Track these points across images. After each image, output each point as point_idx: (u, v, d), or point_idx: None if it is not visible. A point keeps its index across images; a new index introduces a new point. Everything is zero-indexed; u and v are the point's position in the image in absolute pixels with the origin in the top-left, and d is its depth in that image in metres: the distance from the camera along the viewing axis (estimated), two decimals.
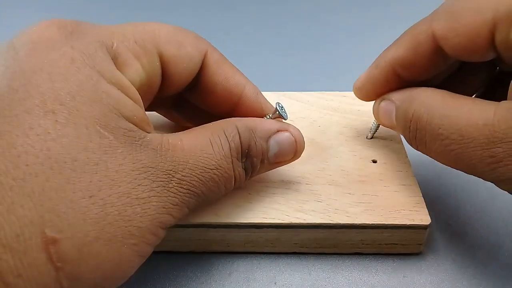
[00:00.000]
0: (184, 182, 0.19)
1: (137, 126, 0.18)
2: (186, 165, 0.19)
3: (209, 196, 0.20)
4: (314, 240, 0.24)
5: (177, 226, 0.23)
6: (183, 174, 0.19)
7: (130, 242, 0.17)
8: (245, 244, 0.25)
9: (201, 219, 0.23)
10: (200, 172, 0.19)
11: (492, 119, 0.19)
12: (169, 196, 0.18)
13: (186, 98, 0.25)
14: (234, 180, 0.21)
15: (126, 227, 0.17)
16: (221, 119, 0.23)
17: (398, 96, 0.24)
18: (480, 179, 0.21)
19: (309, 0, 0.53)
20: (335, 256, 0.25)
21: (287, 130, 0.23)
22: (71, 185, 0.16)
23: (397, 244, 0.24)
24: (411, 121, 0.22)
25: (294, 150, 0.23)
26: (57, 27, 0.19)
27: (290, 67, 0.42)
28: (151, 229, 0.18)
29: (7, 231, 0.14)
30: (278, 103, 0.24)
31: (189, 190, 0.19)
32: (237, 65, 0.25)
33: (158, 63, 0.21)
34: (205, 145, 0.20)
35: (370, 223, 0.23)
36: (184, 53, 0.22)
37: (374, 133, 0.28)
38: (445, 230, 0.26)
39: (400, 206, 0.24)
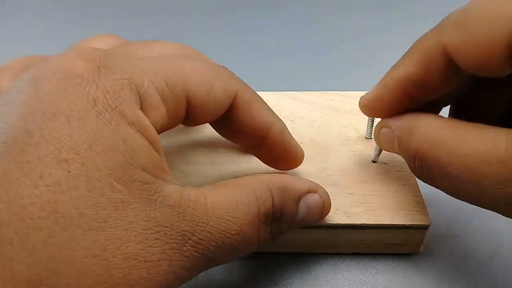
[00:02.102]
0: (200, 246, 0.17)
1: (152, 175, 0.17)
2: (206, 227, 0.17)
3: (223, 261, 0.19)
4: (314, 240, 0.24)
5: None
6: (201, 237, 0.17)
7: None
8: None
9: None
10: (219, 236, 0.18)
11: (505, 155, 0.17)
12: (181, 260, 0.17)
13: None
14: (257, 245, 0.20)
15: None
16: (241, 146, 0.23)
17: (397, 124, 0.22)
18: None
19: (309, 0, 0.53)
20: (335, 256, 0.25)
21: (316, 192, 0.22)
22: (74, 243, 0.15)
23: (397, 244, 0.24)
24: (415, 157, 0.20)
25: (320, 214, 0.22)
26: (85, 61, 0.18)
27: (290, 67, 0.42)
28: None
29: None
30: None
31: (204, 254, 0.17)
32: (237, 65, 0.24)
33: (183, 108, 0.20)
34: (231, 206, 0.18)
35: (370, 223, 0.23)
36: (213, 98, 0.20)
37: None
38: (445, 230, 0.26)
39: (400, 206, 0.24)
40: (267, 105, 0.23)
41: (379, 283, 0.24)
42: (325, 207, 0.22)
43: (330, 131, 0.29)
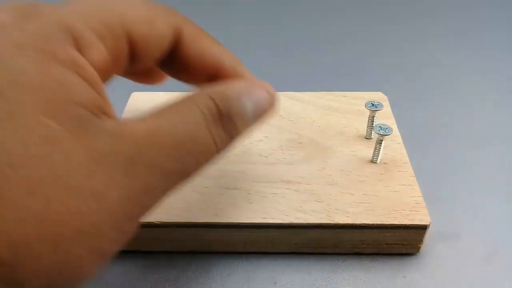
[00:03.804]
0: (153, 165, 0.17)
1: (91, 112, 0.16)
2: (152, 145, 0.17)
3: (187, 172, 0.18)
4: (314, 240, 0.24)
5: (177, 226, 0.24)
6: (150, 155, 0.17)
7: (83, 241, 0.15)
8: (245, 244, 0.25)
9: (201, 219, 0.23)
10: (172, 150, 0.17)
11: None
12: (135, 183, 0.16)
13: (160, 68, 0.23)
14: (216, 147, 0.19)
15: (77, 225, 0.15)
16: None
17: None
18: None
19: (309, 0, 0.53)
20: (335, 256, 0.25)
21: (254, 87, 0.21)
22: (8, 184, 0.14)
23: (397, 244, 0.24)
24: None
25: (270, 102, 0.21)
26: (8, 11, 0.17)
27: (290, 67, 0.42)
28: (113, 225, 0.16)
29: None
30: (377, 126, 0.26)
31: (160, 171, 0.17)
32: None
33: (125, 44, 0.19)
34: (175, 120, 0.18)
35: (370, 223, 0.23)
36: (155, 32, 0.20)
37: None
38: (445, 230, 0.26)
39: (400, 206, 0.24)
40: (216, 40, 0.22)
41: (379, 283, 0.24)
42: (270, 94, 0.21)
43: (330, 131, 0.29)
